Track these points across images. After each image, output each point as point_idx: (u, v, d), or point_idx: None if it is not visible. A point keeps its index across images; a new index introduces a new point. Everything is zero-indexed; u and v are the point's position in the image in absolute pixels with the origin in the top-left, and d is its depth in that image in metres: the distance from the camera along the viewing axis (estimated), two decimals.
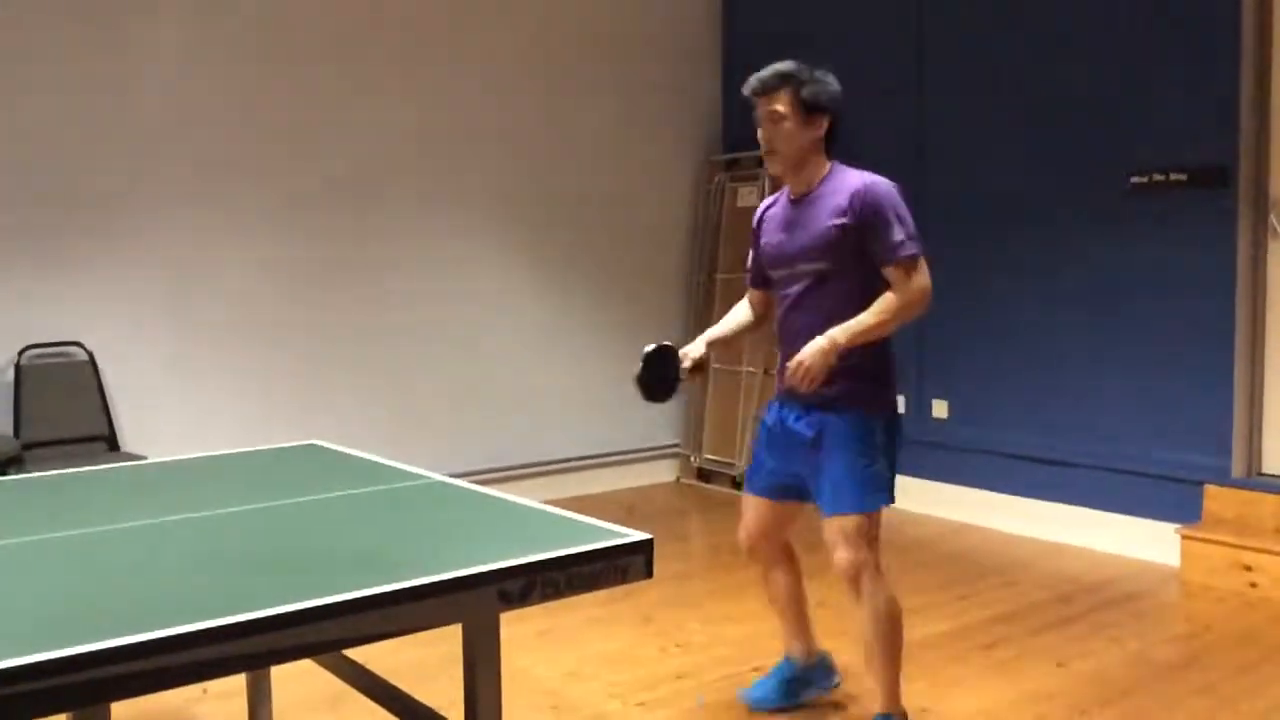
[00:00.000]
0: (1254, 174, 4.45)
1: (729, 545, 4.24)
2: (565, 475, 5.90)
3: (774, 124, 2.72)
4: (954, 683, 3.38)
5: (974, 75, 5.28)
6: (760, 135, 2.77)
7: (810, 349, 2.63)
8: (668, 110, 6.35)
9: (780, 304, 2.91)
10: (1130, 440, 4.74)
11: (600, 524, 2.16)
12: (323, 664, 2.63)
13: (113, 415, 4.63)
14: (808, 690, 3.15)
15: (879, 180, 2.72)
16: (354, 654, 2.52)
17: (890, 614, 2.81)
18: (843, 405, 2.73)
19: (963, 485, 5.38)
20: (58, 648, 1.46)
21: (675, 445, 6.44)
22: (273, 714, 2.93)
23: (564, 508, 2.34)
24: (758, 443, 3.04)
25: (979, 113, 5.27)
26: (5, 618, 1.67)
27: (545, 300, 5.92)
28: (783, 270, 2.85)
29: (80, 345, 4.61)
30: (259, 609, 1.62)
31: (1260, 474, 4.51)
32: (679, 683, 3.41)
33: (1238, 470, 4.47)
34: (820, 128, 2.72)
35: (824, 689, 3.17)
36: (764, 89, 2.72)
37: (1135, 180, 4.67)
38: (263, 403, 5.03)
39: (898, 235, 2.62)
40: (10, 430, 4.42)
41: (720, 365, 6.11)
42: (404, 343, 5.46)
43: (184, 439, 4.63)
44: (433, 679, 3.30)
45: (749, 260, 3.07)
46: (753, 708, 3.13)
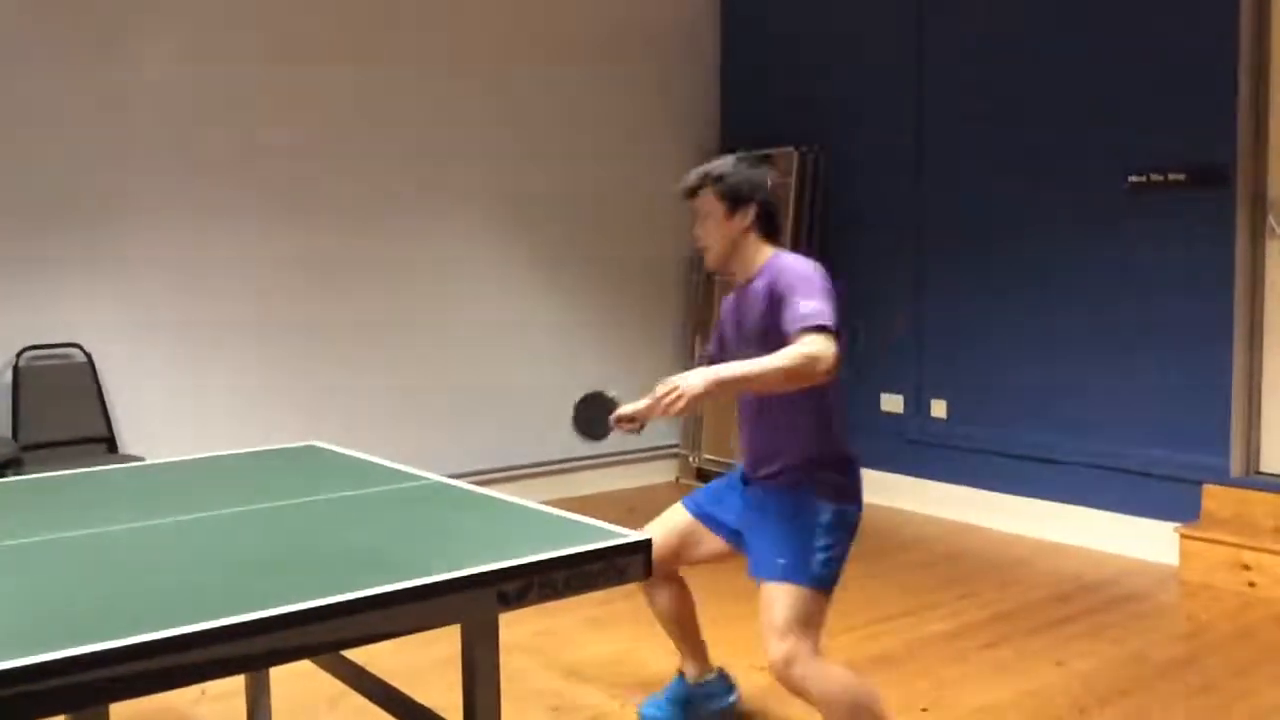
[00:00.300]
0: (1252, 174, 4.46)
1: None
2: (565, 475, 5.90)
3: (701, 220, 2.79)
4: (954, 682, 3.38)
5: (973, 75, 5.28)
6: (694, 233, 2.83)
7: (691, 374, 2.46)
8: (667, 110, 6.35)
9: (737, 399, 2.88)
10: (1129, 440, 4.74)
11: (599, 524, 2.16)
12: (321, 665, 2.63)
13: (111, 417, 4.62)
14: (704, 706, 3.11)
15: (791, 264, 2.65)
16: (353, 655, 2.52)
17: (848, 700, 2.51)
18: (795, 485, 2.67)
19: (962, 485, 5.38)
20: (56, 649, 1.46)
21: (674, 445, 6.44)
22: (271, 715, 2.93)
23: (563, 508, 2.34)
24: (722, 482, 2.96)
25: (978, 113, 5.27)
26: (4, 619, 1.67)
27: (544, 300, 5.92)
28: (729, 359, 2.77)
29: (79, 347, 4.61)
30: (257, 610, 1.62)
31: (1258, 473, 4.51)
32: None
33: (1236, 470, 4.47)
34: (747, 217, 2.74)
35: (722, 706, 3.12)
36: (689, 191, 2.80)
37: (1133, 180, 4.67)
38: (262, 404, 5.03)
39: (803, 307, 2.47)
40: (9, 432, 4.42)
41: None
42: (403, 343, 5.46)
43: (183, 440, 4.62)
44: (432, 680, 3.30)
45: (711, 342, 3.05)
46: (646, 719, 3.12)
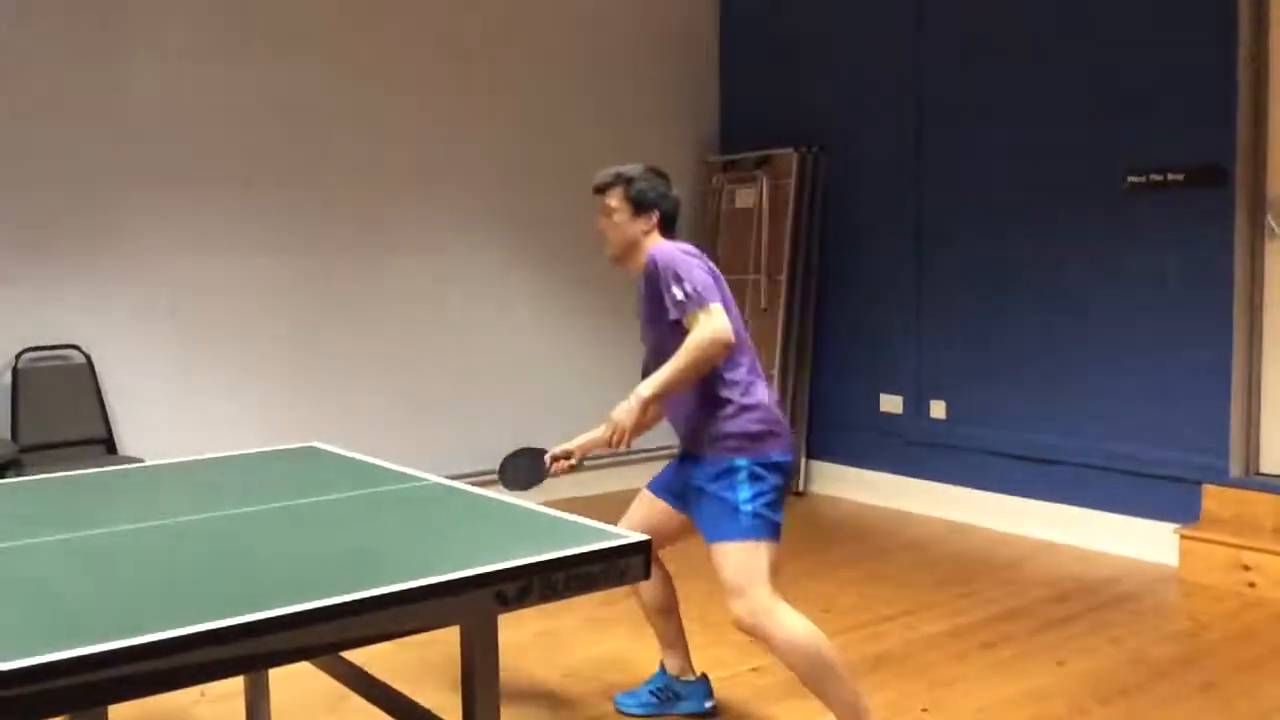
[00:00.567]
0: (1251, 174, 4.45)
1: None
2: (565, 477, 5.87)
3: (606, 216, 2.99)
4: (954, 682, 3.38)
5: (972, 75, 5.28)
6: (597, 227, 3.04)
7: (619, 407, 2.85)
8: (666, 112, 6.35)
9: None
10: (1128, 440, 4.74)
11: (598, 525, 2.16)
12: (321, 666, 2.63)
13: (110, 418, 4.62)
14: (680, 704, 3.16)
15: (658, 250, 2.88)
16: (352, 656, 2.51)
17: (806, 650, 2.70)
18: (709, 454, 2.94)
19: (961, 485, 5.38)
20: (55, 651, 1.46)
21: (674, 446, 6.42)
22: (271, 716, 2.93)
23: (563, 508, 2.34)
24: (672, 463, 3.17)
25: (978, 113, 5.27)
26: (4, 620, 1.67)
27: (544, 302, 5.92)
28: (645, 346, 3.10)
29: (78, 348, 4.61)
30: (257, 611, 1.61)
31: (1258, 474, 4.51)
32: None
33: (1236, 470, 4.47)
34: (649, 222, 2.97)
35: (697, 709, 3.16)
36: (601, 187, 3.01)
37: (1132, 180, 4.67)
38: (261, 405, 5.03)
39: (676, 293, 2.77)
40: (8, 433, 4.42)
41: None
42: (403, 345, 5.46)
43: (182, 441, 4.61)
44: (431, 681, 3.30)
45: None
46: (621, 710, 3.19)
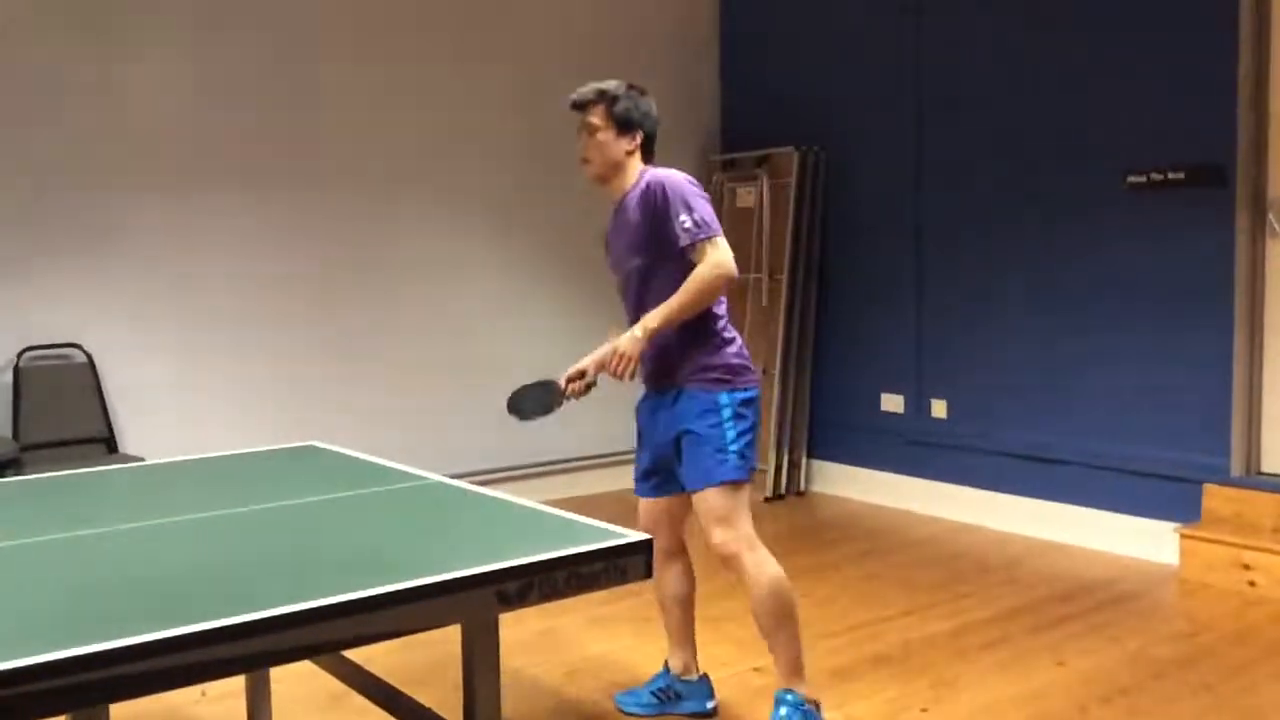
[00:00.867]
0: (1252, 173, 4.45)
1: None
2: (565, 475, 5.90)
3: (589, 135, 2.88)
4: (954, 681, 3.38)
5: (972, 74, 5.28)
6: (577, 146, 2.94)
7: (623, 338, 2.80)
8: (666, 111, 6.23)
9: (623, 304, 3.05)
10: (1129, 439, 4.74)
11: (599, 524, 2.16)
12: (322, 665, 2.63)
13: (111, 417, 4.62)
14: (681, 703, 3.14)
15: (666, 174, 2.83)
16: (353, 655, 2.51)
17: (775, 589, 2.82)
18: (690, 387, 2.87)
19: (962, 485, 5.37)
20: (56, 649, 1.46)
21: None
22: (272, 715, 2.93)
23: (564, 508, 2.34)
24: (638, 445, 3.11)
25: (976, 111, 5.27)
26: (4, 619, 1.67)
27: (544, 300, 5.92)
28: (618, 274, 3.01)
29: (79, 347, 4.61)
30: (258, 610, 1.62)
31: (1259, 473, 4.50)
32: None
33: (1236, 469, 4.47)
34: (632, 142, 2.90)
35: (698, 710, 3.14)
36: (581, 103, 2.89)
37: (1133, 179, 4.66)
38: (262, 404, 5.03)
39: (685, 221, 2.73)
40: (9, 432, 4.42)
41: None
42: (403, 343, 5.46)
43: (183, 441, 4.62)
44: (432, 680, 3.31)
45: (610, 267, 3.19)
46: (622, 709, 3.17)
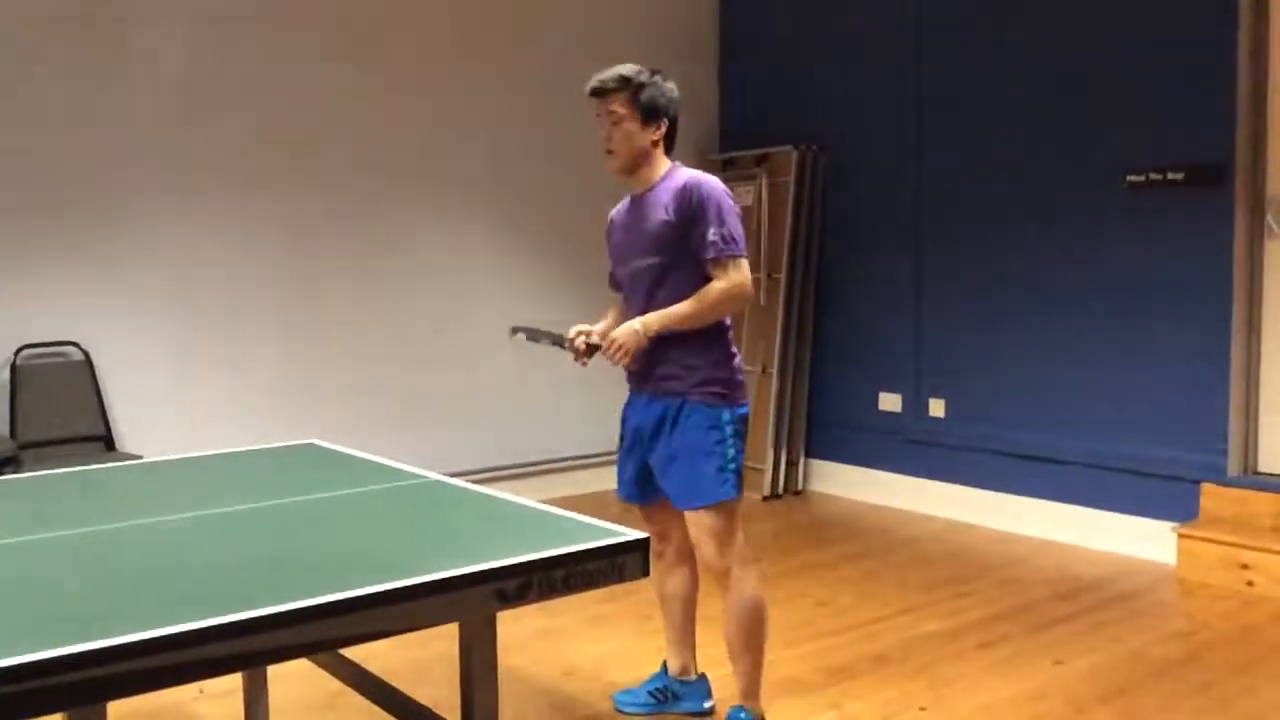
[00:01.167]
0: (1250, 173, 4.46)
1: None
2: (564, 474, 5.90)
3: (613, 125, 2.76)
4: (952, 681, 3.38)
5: (972, 74, 5.28)
6: (600, 135, 2.82)
7: (623, 329, 2.73)
8: None
9: (627, 303, 2.95)
10: (1127, 439, 4.75)
11: (597, 523, 2.16)
12: (319, 663, 2.63)
13: (109, 415, 4.62)
14: (679, 703, 3.13)
15: (706, 179, 2.76)
16: (351, 653, 2.52)
17: (753, 608, 2.81)
18: (694, 399, 2.78)
19: (960, 484, 5.38)
20: (54, 647, 1.46)
21: None
22: (269, 713, 2.93)
23: (562, 507, 2.33)
24: (621, 449, 3.03)
25: (977, 112, 5.27)
26: (2, 617, 1.67)
27: (544, 300, 5.91)
28: (625, 269, 2.91)
29: (76, 345, 4.61)
30: (255, 608, 1.61)
31: (1256, 472, 4.51)
32: None
33: (1234, 469, 4.47)
34: (658, 131, 2.79)
35: (696, 710, 3.13)
36: (604, 90, 2.76)
37: (1132, 179, 4.67)
38: (260, 402, 5.03)
39: (714, 234, 2.68)
40: (6, 430, 4.41)
41: None
42: (403, 342, 5.46)
43: (181, 438, 4.62)
44: (430, 678, 3.31)
45: (610, 266, 3.08)
46: (620, 709, 3.16)
